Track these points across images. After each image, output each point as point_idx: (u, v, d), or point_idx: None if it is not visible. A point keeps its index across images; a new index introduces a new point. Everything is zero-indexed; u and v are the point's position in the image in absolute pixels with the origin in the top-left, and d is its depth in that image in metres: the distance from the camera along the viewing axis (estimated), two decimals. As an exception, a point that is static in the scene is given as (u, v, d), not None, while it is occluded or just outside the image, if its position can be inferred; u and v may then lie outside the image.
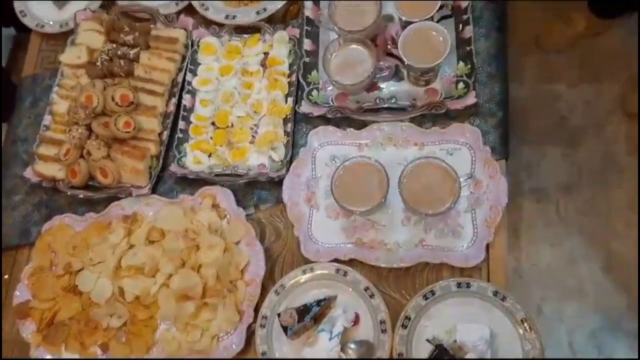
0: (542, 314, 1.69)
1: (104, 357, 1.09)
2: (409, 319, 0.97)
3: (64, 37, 1.36)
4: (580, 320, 1.68)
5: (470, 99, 1.07)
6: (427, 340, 0.95)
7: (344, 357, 0.96)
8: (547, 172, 1.82)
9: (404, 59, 1.03)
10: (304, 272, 1.05)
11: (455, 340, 0.93)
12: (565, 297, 1.71)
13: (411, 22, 1.04)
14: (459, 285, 0.97)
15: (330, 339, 0.95)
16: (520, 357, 0.93)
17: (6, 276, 1.23)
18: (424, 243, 1.04)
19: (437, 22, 1.09)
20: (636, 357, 1.60)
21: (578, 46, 1.93)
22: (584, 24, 1.89)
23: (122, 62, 1.25)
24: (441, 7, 1.08)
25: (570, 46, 1.93)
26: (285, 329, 0.97)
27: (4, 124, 1.45)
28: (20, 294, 1.15)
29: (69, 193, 1.20)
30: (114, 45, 1.27)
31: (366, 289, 1.01)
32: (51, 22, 1.40)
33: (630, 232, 1.72)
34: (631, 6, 1.78)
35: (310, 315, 0.97)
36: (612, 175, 1.80)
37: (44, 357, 1.11)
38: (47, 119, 1.27)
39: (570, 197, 1.80)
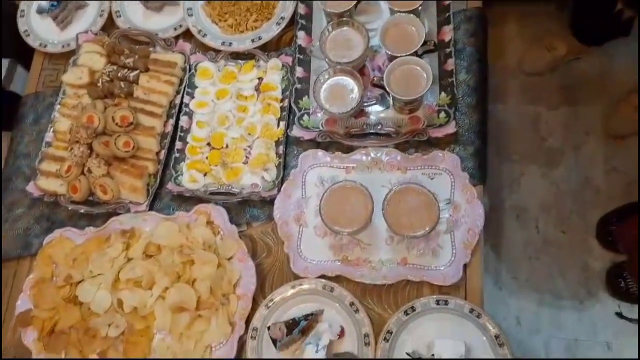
0: (520, 325, 1.77)
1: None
2: (391, 333, 1.04)
3: (66, 57, 1.42)
4: (556, 331, 1.76)
5: (451, 128, 1.14)
6: (407, 354, 1.02)
7: (329, 368, 1.03)
8: (527, 190, 1.90)
9: (389, 91, 1.11)
10: (293, 287, 1.11)
11: (433, 355, 0.99)
12: (543, 309, 1.78)
13: (396, 57, 1.12)
14: (437, 302, 1.05)
15: (317, 351, 1.01)
16: (493, 372, 1.01)
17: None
18: (406, 262, 1.10)
19: (421, 55, 1.16)
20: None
21: (559, 70, 2.02)
22: (565, 49, 1.97)
23: (122, 83, 1.31)
24: (425, 43, 1.15)
25: (552, 70, 2.02)
26: (274, 341, 1.03)
27: (6, 135, 1.49)
28: (22, 304, 1.20)
29: (69, 208, 1.26)
30: (115, 67, 1.33)
31: (351, 304, 1.07)
32: (55, 42, 1.46)
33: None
34: (614, 34, 1.87)
35: (298, 329, 1.03)
36: (589, 194, 1.88)
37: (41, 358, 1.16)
38: (49, 136, 1.33)
39: (549, 214, 1.88)
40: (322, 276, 1.11)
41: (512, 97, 2.02)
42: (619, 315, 1.66)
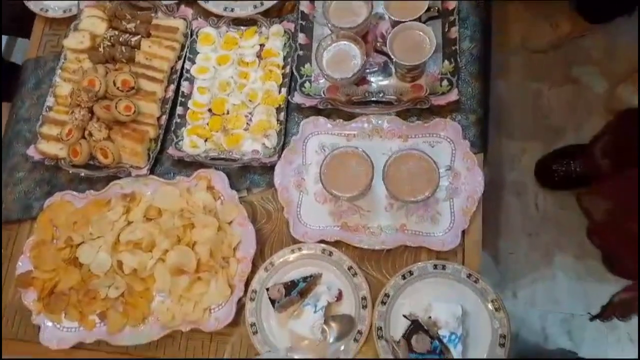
0: (517, 299, 1.79)
1: (102, 325, 1.16)
2: (388, 296, 1.05)
3: (67, 22, 1.41)
4: (552, 306, 1.77)
5: (453, 96, 1.14)
6: (404, 316, 1.03)
7: (326, 329, 1.04)
8: (528, 167, 1.90)
9: (392, 56, 1.10)
10: (292, 252, 1.12)
11: (430, 317, 1.01)
12: (539, 284, 1.80)
13: (400, 22, 1.11)
14: (435, 267, 1.06)
15: (315, 312, 1.02)
16: (490, 334, 1.02)
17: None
18: (404, 228, 1.11)
19: (425, 22, 1.15)
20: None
21: (562, 48, 2.00)
22: (569, 26, 1.96)
23: (123, 48, 1.30)
24: (429, 9, 1.14)
25: (555, 48, 2.00)
26: (273, 302, 1.04)
27: (6, 106, 1.49)
28: (23, 265, 1.21)
29: (70, 171, 1.26)
30: (116, 32, 1.33)
31: (349, 268, 1.08)
32: (55, 7, 1.45)
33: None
34: (620, 12, 1.86)
35: (297, 290, 1.04)
36: (589, 171, 1.88)
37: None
38: (50, 101, 1.33)
39: (549, 191, 1.88)
40: (322, 241, 1.12)
41: (514, 74, 2.01)
42: (591, 318, 1.68)
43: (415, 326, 0.99)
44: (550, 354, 1.72)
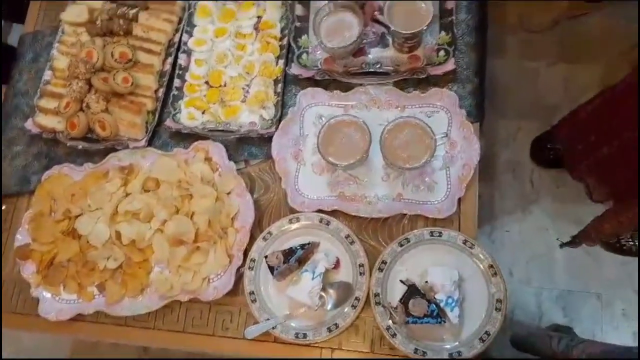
0: (512, 276, 1.80)
1: (100, 296, 1.16)
2: (385, 263, 1.06)
3: (64, -5, 1.41)
4: (548, 282, 1.79)
5: (450, 65, 1.14)
6: (401, 282, 1.04)
7: (324, 296, 1.04)
8: (523, 145, 1.92)
9: (389, 24, 1.10)
10: (290, 221, 1.13)
11: (427, 282, 1.02)
12: (535, 261, 1.81)
13: (397, -9, 1.11)
14: (431, 233, 1.06)
15: (313, 278, 1.03)
16: (486, 299, 1.03)
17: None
18: (401, 197, 1.12)
19: (422, -9, 1.16)
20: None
21: (559, 27, 2.01)
22: (566, 6, 1.96)
23: (121, 21, 1.30)
24: (426, -22, 1.14)
25: (552, 27, 2.01)
26: (271, 268, 1.05)
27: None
28: (22, 238, 1.22)
29: (68, 144, 1.26)
30: (114, 5, 1.33)
31: (347, 236, 1.09)
32: (52, -19, 1.45)
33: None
34: None
35: (295, 258, 1.05)
36: (584, 150, 1.90)
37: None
38: (47, 74, 1.33)
39: (544, 169, 1.89)
40: (319, 211, 1.13)
41: (510, 53, 2.01)
42: (562, 245, 1.69)
43: (412, 291, 1.00)
44: (544, 331, 1.74)
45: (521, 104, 1.95)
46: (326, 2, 1.18)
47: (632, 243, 1.70)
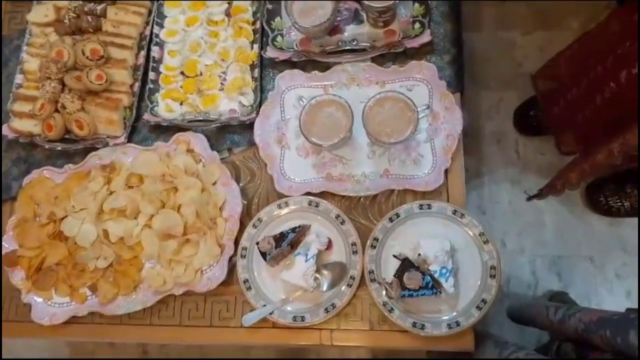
0: (505, 247, 1.81)
1: (93, 297, 1.15)
2: (377, 240, 1.06)
3: (29, -4, 1.37)
4: (540, 250, 1.80)
5: (426, 37, 1.13)
6: (394, 256, 1.04)
7: (319, 277, 1.04)
8: (506, 115, 1.92)
9: (362, -1, 1.09)
10: (279, 206, 1.12)
11: (420, 254, 1.01)
12: (526, 230, 1.82)
13: (367, -36, 1.10)
14: (421, 207, 1.06)
15: (306, 260, 1.03)
16: (480, 267, 1.03)
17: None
18: (388, 173, 1.11)
19: (393, -37, 1.15)
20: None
21: (532, -5, 2.01)
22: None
23: (89, 18, 1.27)
24: (396, -50, 1.13)
25: (525, -7, 2.01)
26: (264, 255, 1.04)
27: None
28: (8, 245, 1.19)
29: (46, 147, 1.23)
30: (81, 2, 1.29)
31: (337, 216, 1.08)
32: (15, -18, 1.41)
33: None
34: None
35: (287, 241, 1.04)
36: (566, 116, 1.90)
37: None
38: (19, 78, 1.29)
39: (528, 138, 1.90)
40: (307, 194, 1.12)
41: (485, 24, 2.01)
42: (529, 199, 1.70)
43: (406, 264, 1.00)
44: (541, 301, 1.75)
45: (500, 75, 1.95)
46: (297, -19, 1.16)
47: (620, 204, 1.72)
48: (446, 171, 1.09)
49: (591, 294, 1.76)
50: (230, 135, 1.21)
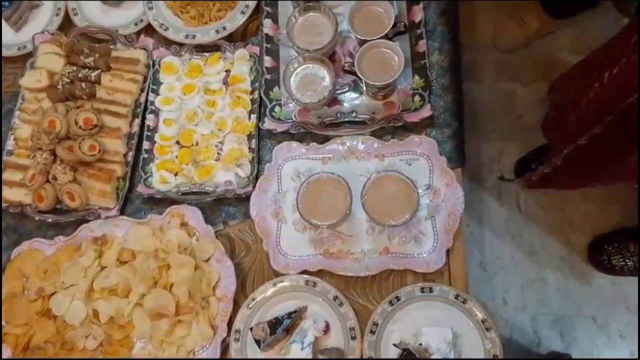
0: (507, 304, 1.77)
1: (81, 378, 1.10)
2: (377, 324, 1.02)
3: (22, 59, 1.35)
4: (542, 308, 1.76)
5: (426, 112, 1.11)
6: (394, 345, 1.00)
7: (316, 365, 1.00)
8: (507, 168, 1.89)
9: (361, 77, 1.07)
10: (275, 285, 1.08)
11: (421, 344, 0.98)
12: (528, 286, 1.79)
13: (366, 41, 1.08)
14: (422, 290, 1.03)
15: (302, 349, 0.99)
16: (482, 355, 0.99)
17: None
18: (388, 251, 1.08)
19: (392, 38, 1.13)
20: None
21: (532, 46, 2.00)
22: (536, 23, 1.95)
23: (83, 84, 1.25)
24: (395, 24, 1.11)
25: (525, 46, 2.00)
26: (258, 342, 1.00)
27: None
28: (-7, 321, 1.16)
29: (36, 218, 1.20)
30: (75, 68, 1.27)
31: (335, 298, 1.05)
32: (10, 44, 1.38)
33: (585, 223, 1.81)
34: (582, 7, 1.87)
35: (282, 328, 1.01)
36: (567, 168, 1.88)
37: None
38: (10, 144, 1.27)
39: (529, 191, 1.87)
40: (304, 272, 1.09)
41: (486, 75, 2.00)
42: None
43: (407, 354, 0.96)
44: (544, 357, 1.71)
45: (501, 127, 1.94)
46: (295, 55, 1.15)
47: (623, 262, 1.69)
48: (447, 250, 1.06)
49: (594, 354, 1.71)
50: (225, 207, 1.18)
